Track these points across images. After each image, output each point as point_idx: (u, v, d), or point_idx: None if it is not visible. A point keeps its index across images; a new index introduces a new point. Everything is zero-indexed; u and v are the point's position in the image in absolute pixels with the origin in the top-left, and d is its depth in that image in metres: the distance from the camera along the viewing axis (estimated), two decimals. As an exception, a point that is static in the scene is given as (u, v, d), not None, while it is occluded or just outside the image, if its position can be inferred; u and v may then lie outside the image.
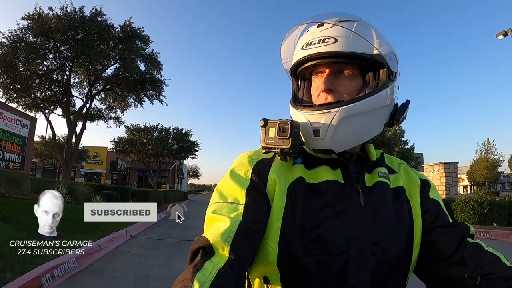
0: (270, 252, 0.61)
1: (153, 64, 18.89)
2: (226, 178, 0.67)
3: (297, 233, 0.60)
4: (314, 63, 0.67)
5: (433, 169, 17.39)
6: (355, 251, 0.60)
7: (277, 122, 0.64)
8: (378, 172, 0.70)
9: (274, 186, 0.65)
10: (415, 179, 0.74)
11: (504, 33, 12.69)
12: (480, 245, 0.64)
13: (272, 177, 0.66)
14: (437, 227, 0.67)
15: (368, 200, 0.65)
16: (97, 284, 3.92)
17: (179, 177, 48.78)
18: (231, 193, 0.64)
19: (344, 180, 0.66)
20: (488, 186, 45.36)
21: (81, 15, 16.07)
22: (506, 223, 11.35)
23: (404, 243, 0.64)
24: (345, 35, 0.65)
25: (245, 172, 0.67)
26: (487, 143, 43.43)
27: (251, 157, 0.70)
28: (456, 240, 0.64)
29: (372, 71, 0.68)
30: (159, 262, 5.12)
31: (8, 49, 14.99)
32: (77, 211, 8.35)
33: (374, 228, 0.63)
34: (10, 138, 10.25)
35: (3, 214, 6.06)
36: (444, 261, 0.64)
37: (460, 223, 0.68)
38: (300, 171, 0.67)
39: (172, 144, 34.48)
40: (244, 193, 0.63)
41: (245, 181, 0.65)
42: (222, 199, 0.63)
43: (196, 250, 0.55)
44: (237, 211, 0.60)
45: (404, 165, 0.78)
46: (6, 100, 16.15)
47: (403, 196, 0.70)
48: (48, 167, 39.30)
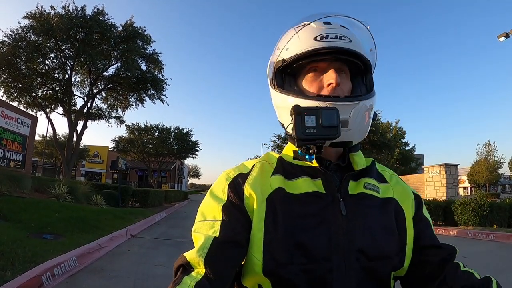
0: (256, 263, 0.62)
1: (154, 64, 18.90)
2: (206, 198, 0.70)
3: (280, 241, 0.61)
4: (325, 57, 0.68)
5: (434, 170, 17.35)
6: (338, 259, 0.60)
7: (315, 108, 0.61)
8: (364, 183, 0.70)
9: (251, 200, 0.65)
10: (408, 192, 0.74)
11: (505, 34, 12.65)
12: (458, 264, 0.66)
13: (248, 191, 0.66)
14: (426, 247, 0.69)
15: (350, 209, 0.65)
16: (97, 283, 3.92)
17: (180, 176, 48.79)
18: (210, 211, 0.66)
19: (325, 189, 0.66)
20: (489, 188, 45.28)
21: (83, 14, 16.09)
22: (507, 225, 11.32)
23: (391, 251, 0.65)
24: (356, 37, 0.70)
25: (222, 190, 0.68)
26: (487, 144, 43.43)
27: (228, 174, 0.71)
28: (442, 262, 0.66)
29: (359, 75, 0.74)
30: (160, 261, 5.13)
31: (9, 48, 15.00)
32: (78, 210, 8.38)
33: (357, 235, 0.62)
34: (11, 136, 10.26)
35: (4, 212, 6.07)
36: (431, 282, 0.66)
37: (449, 246, 0.70)
38: (279, 182, 0.67)
39: (172, 143, 34.53)
40: (220, 210, 0.64)
41: (222, 198, 0.66)
42: (202, 218, 0.66)
43: (177, 268, 0.60)
44: (214, 228, 0.62)
45: (396, 177, 0.78)
46: (7, 99, 16.18)
47: (393, 207, 0.70)
48: (49, 166, 39.36)
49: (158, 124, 34.05)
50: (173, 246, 6.57)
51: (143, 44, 18.20)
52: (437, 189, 16.94)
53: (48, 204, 7.98)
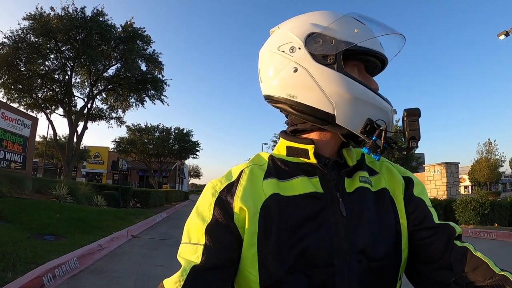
0: (252, 280, 0.59)
1: (154, 64, 18.92)
2: (192, 215, 0.65)
3: (277, 253, 0.58)
4: (373, 59, 0.68)
5: (435, 169, 17.34)
6: (340, 263, 0.58)
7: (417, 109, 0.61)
8: (359, 176, 0.67)
9: (243, 214, 0.60)
10: (398, 178, 0.70)
11: (505, 33, 12.64)
12: (467, 249, 0.60)
13: (237, 205, 0.61)
14: (423, 228, 0.64)
15: (350, 208, 0.62)
16: (98, 283, 3.93)
17: (180, 177, 48.81)
18: (194, 232, 0.62)
19: (323, 189, 0.63)
20: (490, 186, 45.28)
21: (83, 15, 16.11)
22: (507, 223, 11.31)
23: (390, 247, 0.62)
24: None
25: (208, 207, 0.63)
26: (488, 143, 43.41)
27: (214, 188, 0.65)
28: (443, 243, 0.61)
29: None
30: (160, 262, 5.13)
31: (9, 49, 15.04)
32: (78, 211, 8.39)
33: (358, 236, 0.60)
34: (11, 138, 10.28)
35: (5, 213, 6.07)
36: (431, 264, 0.62)
37: (446, 224, 0.65)
38: (273, 187, 0.63)
39: (173, 144, 34.58)
40: (203, 231, 0.60)
41: (207, 217, 0.62)
42: (187, 240, 0.63)
43: None
44: (196, 253, 0.59)
45: (386, 163, 0.74)
46: (8, 100, 16.20)
47: (387, 198, 0.67)
48: (50, 167, 39.40)
49: (158, 125, 34.17)
50: (174, 247, 6.57)
51: (143, 44, 18.23)
52: (437, 188, 16.92)
53: (49, 205, 7.99)
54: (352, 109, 0.62)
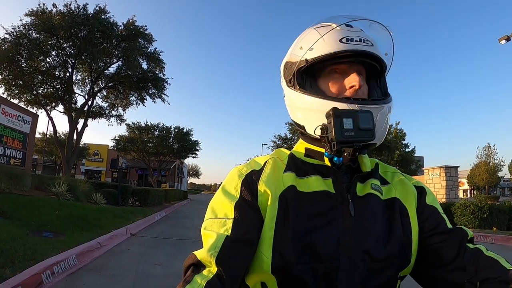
0: (264, 261, 0.62)
1: (155, 63, 18.94)
2: (217, 194, 0.69)
3: (290, 240, 0.61)
4: (348, 59, 0.69)
5: (434, 172, 17.36)
6: (345, 259, 0.61)
7: (352, 111, 0.62)
8: (371, 183, 0.70)
9: (265, 197, 0.65)
10: (411, 189, 0.74)
11: (506, 37, 12.65)
12: (479, 250, 0.64)
13: (262, 188, 0.66)
14: (436, 234, 0.68)
15: (358, 210, 0.65)
16: (97, 281, 3.93)
17: (179, 176, 48.81)
18: (221, 208, 0.66)
19: (335, 189, 0.67)
20: (488, 190, 45.31)
21: (85, 12, 16.13)
22: (506, 227, 11.32)
23: (395, 251, 0.65)
24: (375, 41, 0.71)
25: (235, 187, 0.68)
26: (487, 147, 43.46)
27: (240, 171, 0.71)
28: (456, 246, 0.65)
29: (374, 78, 0.76)
30: (159, 260, 5.13)
31: (11, 45, 15.04)
32: (77, 208, 8.38)
33: (364, 236, 0.63)
34: (11, 134, 10.28)
35: (3, 210, 6.07)
36: (444, 267, 0.65)
37: (458, 228, 0.68)
38: (291, 180, 0.68)
39: (173, 143, 34.58)
40: (233, 207, 0.64)
41: (235, 195, 0.66)
42: (213, 215, 0.66)
43: (188, 267, 0.60)
44: (225, 226, 0.62)
45: (398, 175, 0.77)
46: (8, 96, 16.22)
47: (396, 207, 0.70)
48: (49, 164, 39.36)
49: (158, 123, 34.16)
50: (172, 245, 6.57)
51: (144, 43, 18.25)
52: (436, 191, 16.94)
53: (48, 202, 7.98)
54: (309, 118, 0.71)
